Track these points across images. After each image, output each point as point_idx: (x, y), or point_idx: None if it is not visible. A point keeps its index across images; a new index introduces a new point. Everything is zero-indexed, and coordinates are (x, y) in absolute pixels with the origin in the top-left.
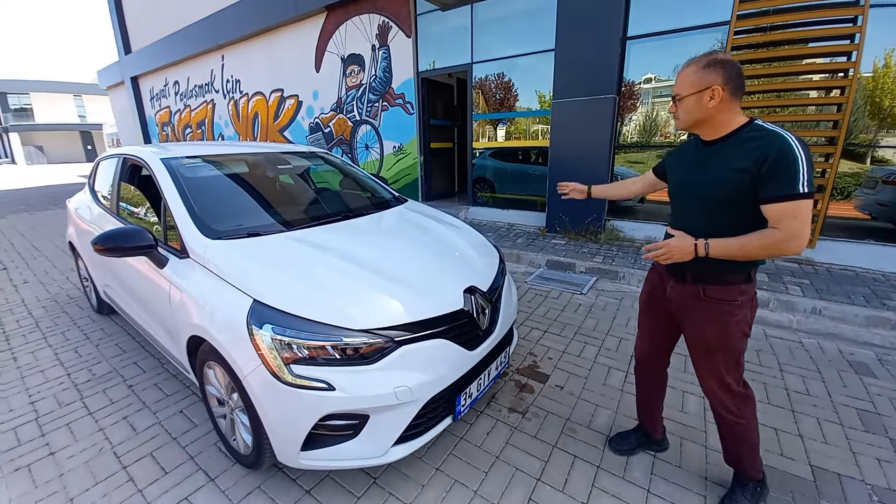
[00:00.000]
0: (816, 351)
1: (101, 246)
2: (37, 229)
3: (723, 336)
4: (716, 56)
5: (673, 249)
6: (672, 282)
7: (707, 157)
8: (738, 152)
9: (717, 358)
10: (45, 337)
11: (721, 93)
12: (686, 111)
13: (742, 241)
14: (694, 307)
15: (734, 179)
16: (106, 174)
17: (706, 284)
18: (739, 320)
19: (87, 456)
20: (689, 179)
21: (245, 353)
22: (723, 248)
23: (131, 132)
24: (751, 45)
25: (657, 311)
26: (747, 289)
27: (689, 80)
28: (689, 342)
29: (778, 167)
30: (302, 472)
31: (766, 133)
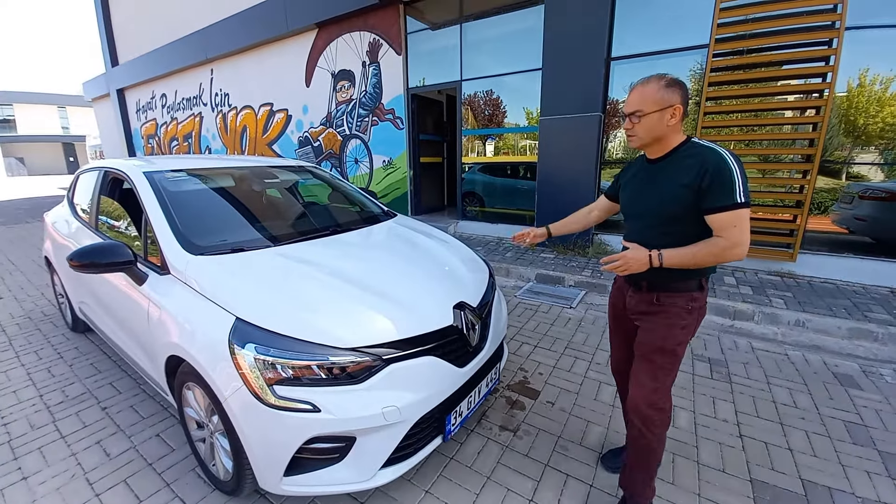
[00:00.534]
0: (802, 363)
1: (76, 262)
2: (14, 243)
3: (667, 339)
4: (672, 77)
5: (629, 261)
6: (630, 291)
7: (654, 175)
8: (681, 169)
9: (656, 361)
10: (17, 356)
11: (680, 112)
12: (647, 128)
13: (692, 251)
14: (647, 312)
15: (680, 194)
16: (86, 188)
17: (660, 292)
18: (686, 326)
19: (59, 482)
20: (639, 196)
21: (226, 373)
22: (675, 258)
23: (116, 144)
24: (728, 68)
25: (625, 322)
26: (698, 296)
27: (653, 98)
28: (637, 346)
29: (716, 181)
30: (285, 499)
31: (703, 150)
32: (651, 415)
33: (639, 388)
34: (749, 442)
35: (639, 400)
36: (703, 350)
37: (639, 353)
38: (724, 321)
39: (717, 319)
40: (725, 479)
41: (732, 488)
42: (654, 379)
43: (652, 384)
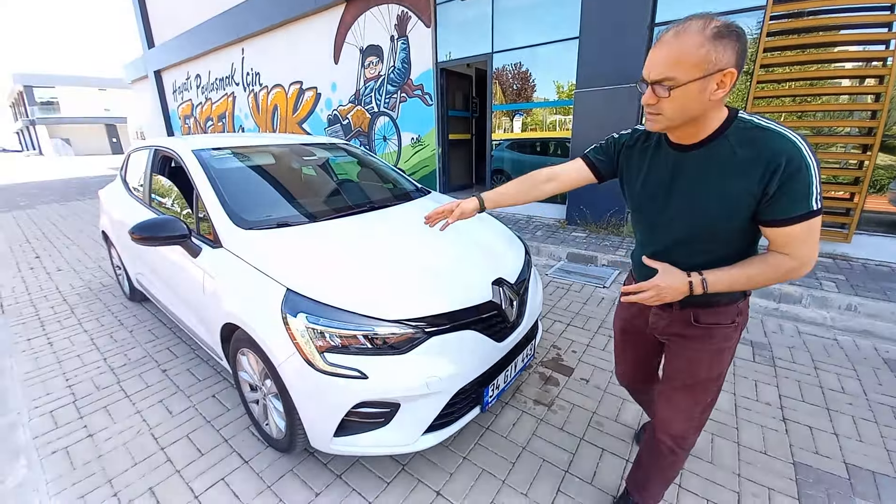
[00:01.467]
0: (852, 348)
1: (138, 235)
2: (67, 219)
3: (715, 367)
4: (728, 22)
5: (663, 291)
6: (656, 309)
7: (685, 168)
8: (733, 164)
9: (699, 392)
10: (80, 322)
11: (732, 79)
12: (680, 106)
13: (748, 273)
14: (684, 336)
15: (736, 203)
16: (137, 165)
17: (697, 308)
18: (734, 344)
19: (125, 438)
20: (665, 199)
21: (280, 340)
22: (725, 284)
23: (155, 125)
24: (785, 31)
25: (638, 338)
26: (743, 306)
27: (696, 57)
28: (671, 373)
29: (792, 183)
30: (332, 457)
31: (763, 136)
32: (687, 436)
33: (676, 414)
34: (793, 426)
35: (674, 426)
36: (746, 332)
37: (675, 381)
38: (768, 304)
39: (760, 302)
40: (767, 461)
41: (774, 469)
42: (696, 404)
43: (693, 410)
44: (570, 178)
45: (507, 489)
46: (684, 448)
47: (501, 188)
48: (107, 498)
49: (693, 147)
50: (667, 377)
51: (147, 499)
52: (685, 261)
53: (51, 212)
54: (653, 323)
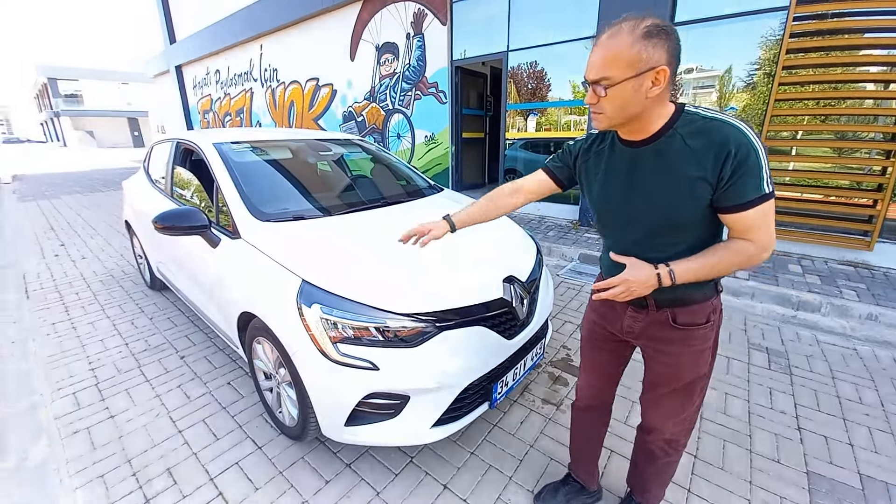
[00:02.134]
0: (871, 359)
1: (160, 224)
2: (91, 209)
3: (698, 367)
4: (657, 21)
5: (632, 285)
6: (631, 311)
7: (642, 165)
8: (689, 155)
9: (686, 394)
10: (103, 308)
11: (666, 76)
12: (618, 104)
13: (710, 262)
14: (664, 339)
15: (694, 192)
16: (160, 158)
17: (674, 308)
18: (713, 342)
19: (144, 420)
20: (622, 196)
21: (295, 330)
22: (691, 273)
23: (175, 119)
24: (809, 33)
25: (605, 345)
26: (717, 303)
27: (628, 57)
28: (655, 381)
29: (743, 168)
30: (343, 447)
31: (710, 125)
32: (680, 437)
33: (665, 420)
34: (807, 435)
35: (666, 430)
36: (762, 339)
37: (660, 388)
38: (786, 311)
39: (778, 309)
40: (780, 469)
41: (786, 478)
42: (683, 407)
43: (683, 413)
44: (532, 188)
45: (514, 486)
46: (678, 449)
47: (469, 208)
48: (126, 477)
49: (644, 142)
50: (651, 384)
51: (164, 479)
52: (652, 256)
53: (74, 202)
54: (628, 326)
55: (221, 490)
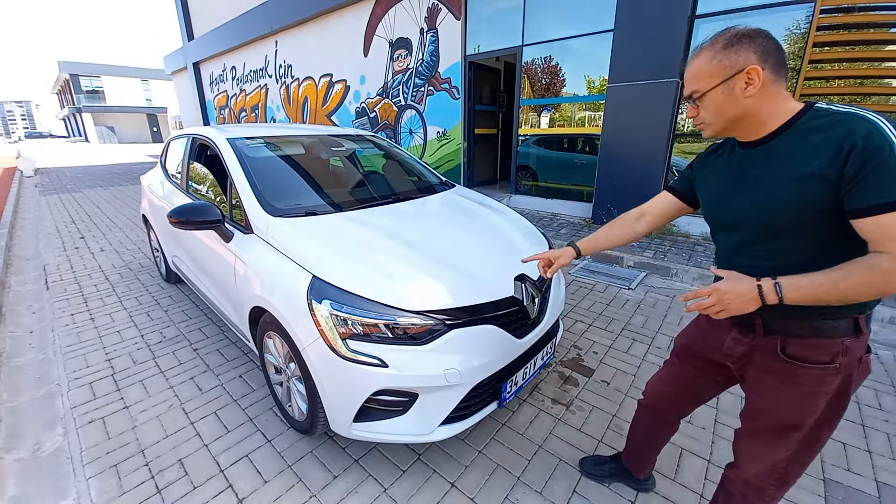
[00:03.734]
0: (892, 364)
1: (175, 219)
2: (111, 203)
3: (803, 413)
4: (738, 30)
5: (726, 297)
6: (735, 332)
7: (752, 165)
8: (804, 150)
9: (781, 437)
10: (120, 300)
11: (761, 73)
12: (714, 110)
13: (832, 278)
14: (766, 370)
15: (804, 190)
16: (176, 153)
17: (787, 337)
18: (834, 390)
19: (158, 411)
20: (731, 198)
21: (305, 325)
22: (804, 291)
23: (192, 115)
24: (836, 26)
25: (696, 361)
26: (853, 345)
27: (710, 69)
28: (750, 414)
29: (870, 162)
30: (351, 442)
31: (840, 117)
32: (765, 487)
33: (753, 459)
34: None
35: (750, 470)
36: None
37: (752, 422)
38: None
39: None
40: None
41: (803, 485)
42: (775, 452)
43: (775, 458)
44: (659, 210)
45: (522, 486)
46: (761, 499)
47: (592, 236)
48: (138, 467)
49: (761, 142)
50: (745, 416)
51: (176, 470)
52: (754, 263)
53: (95, 195)
54: (728, 349)
55: (231, 482)
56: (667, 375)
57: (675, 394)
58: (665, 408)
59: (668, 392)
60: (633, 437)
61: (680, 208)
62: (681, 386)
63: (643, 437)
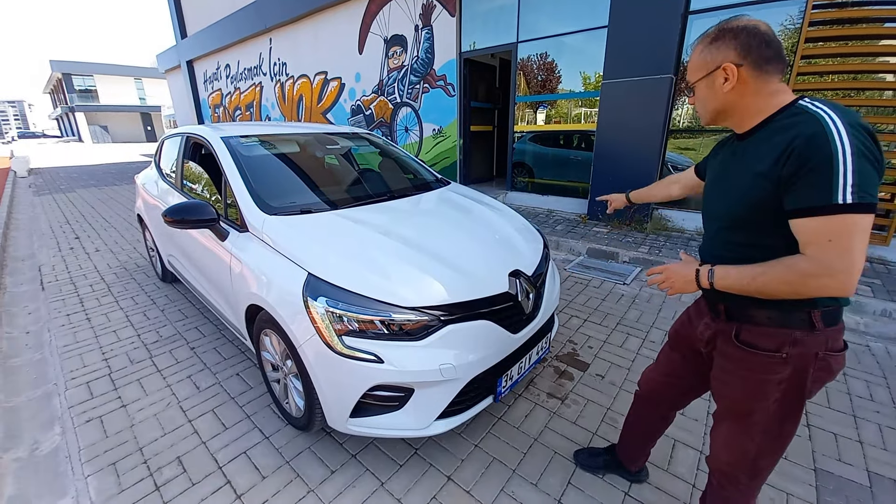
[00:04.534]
0: (884, 356)
1: (170, 218)
2: (105, 203)
3: (753, 398)
4: (727, 24)
5: (671, 276)
6: (707, 317)
7: (734, 158)
8: (764, 148)
9: (742, 424)
10: (116, 300)
11: (736, 71)
12: (700, 102)
13: (755, 272)
14: (724, 354)
15: (753, 187)
16: (170, 152)
17: (741, 323)
18: (781, 381)
19: (155, 409)
20: (714, 188)
21: (301, 322)
22: (731, 279)
23: (187, 114)
24: (828, 21)
25: (683, 349)
26: (804, 339)
27: (697, 62)
28: (716, 398)
29: (803, 165)
30: (348, 438)
31: (805, 117)
32: (736, 474)
33: (722, 446)
34: (817, 432)
35: (721, 457)
36: None
37: (718, 404)
38: None
39: None
40: (787, 466)
41: (794, 475)
42: (740, 439)
43: (742, 446)
44: (687, 182)
45: (518, 479)
46: (737, 487)
47: (642, 189)
48: (137, 465)
49: (746, 136)
50: (714, 399)
51: (174, 467)
52: (722, 253)
53: (89, 195)
54: (700, 332)
55: (230, 478)
56: (660, 365)
57: (666, 383)
58: (659, 398)
59: (661, 381)
60: (629, 428)
61: (698, 186)
62: (671, 375)
63: (638, 429)
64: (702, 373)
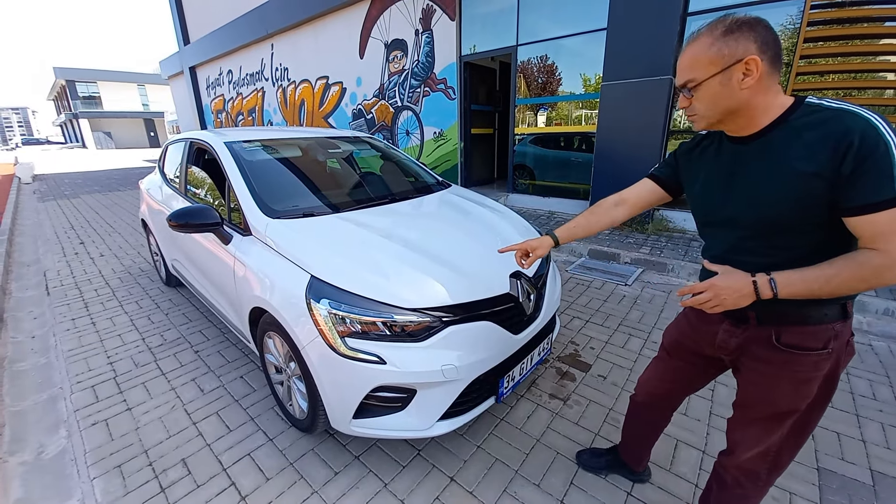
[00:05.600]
0: (886, 354)
1: (174, 222)
2: (110, 208)
3: (799, 398)
4: (737, 17)
5: (722, 292)
6: (727, 325)
7: (746, 161)
8: (798, 147)
9: (776, 422)
10: (121, 304)
11: (759, 65)
12: (709, 101)
13: (826, 273)
14: (762, 359)
15: (801, 188)
16: (174, 157)
17: (780, 326)
18: (827, 375)
19: (160, 412)
20: (723, 195)
21: (304, 325)
22: (797, 286)
23: (189, 120)
24: (827, 21)
25: (688, 356)
26: (842, 329)
27: (708, 56)
28: (744, 402)
29: (866, 160)
30: (351, 439)
31: (834, 113)
32: (758, 470)
33: (746, 442)
34: (819, 431)
35: (743, 452)
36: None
37: (749, 411)
38: None
39: None
40: (791, 466)
41: (797, 474)
42: (768, 436)
43: (764, 441)
44: (639, 197)
45: (520, 479)
46: (756, 484)
47: (571, 223)
48: (142, 467)
49: (752, 138)
50: (739, 405)
51: (179, 469)
52: (751, 260)
53: (94, 201)
54: (721, 341)
55: (234, 480)
56: (658, 371)
57: (667, 389)
58: (658, 403)
59: (661, 388)
60: (628, 432)
61: (660, 196)
62: (673, 381)
63: (637, 432)
64: (709, 375)
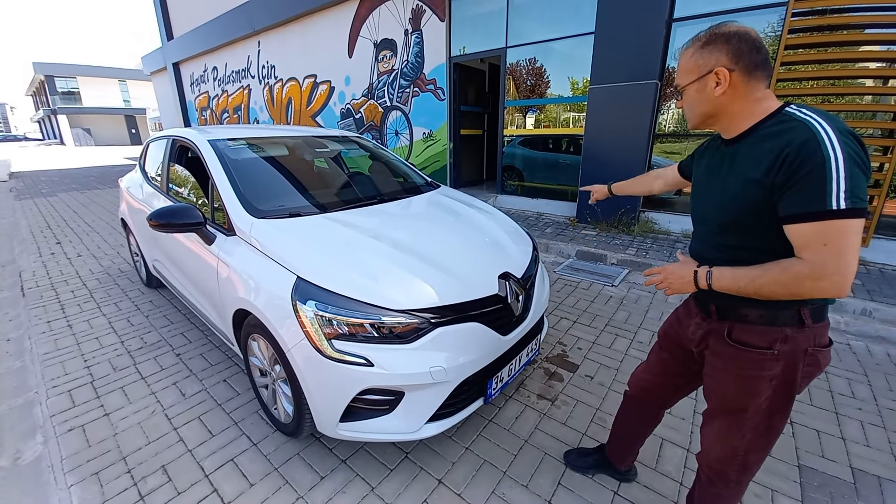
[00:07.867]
0: (864, 354)
1: (155, 222)
2: (88, 207)
3: (744, 396)
4: (718, 28)
5: (669, 276)
6: (698, 317)
7: (722, 163)
8: (755, 155)
9: (734, 421)
10: (99, 307)
11: (728, 75)
12: (689, 105)
13: (753, 273)
14: (717, 353)
15: (745, 194)
16: (155, 155)
17: (734, 322)
18: (773, 377)
19: (139, 417)
20: (702, 192)
21: (290, 327)
22: (728, 281)
23: (173, 117)
24: (807, 29)
25: (673, 348)
26: (795, 335)
27: (688, 66)
28: (706, 395)
29: (796, 172)
30: (338, 443)
31: (796, 124)
32: (727, 471)
33: (713, 443)
34: (800, 429)
35: (712, 454)
36: None
37: (709, 403)
38: None
39: None
40: (771, 463)
41: (778, 471)
42: (730, 436)
43: (733, 443)
44: (669, 178)
45: (508, 480)
46: (727, 485)
47: (624, 182)
48: (121, 474)
49: (734, 140)
50: (705, 397)
51: (159, 476)
52: (713, 255)
53: (71, 199)
54: (691, 332)
55: (216, 486)
56: (650, 365)
57: (655, 382)
58: (648, 398)
59: (650, 381)
60: (618, 427)
61: (683, 183)
62: (661, 374)
63: (627, 428)
64: (692, 371)
